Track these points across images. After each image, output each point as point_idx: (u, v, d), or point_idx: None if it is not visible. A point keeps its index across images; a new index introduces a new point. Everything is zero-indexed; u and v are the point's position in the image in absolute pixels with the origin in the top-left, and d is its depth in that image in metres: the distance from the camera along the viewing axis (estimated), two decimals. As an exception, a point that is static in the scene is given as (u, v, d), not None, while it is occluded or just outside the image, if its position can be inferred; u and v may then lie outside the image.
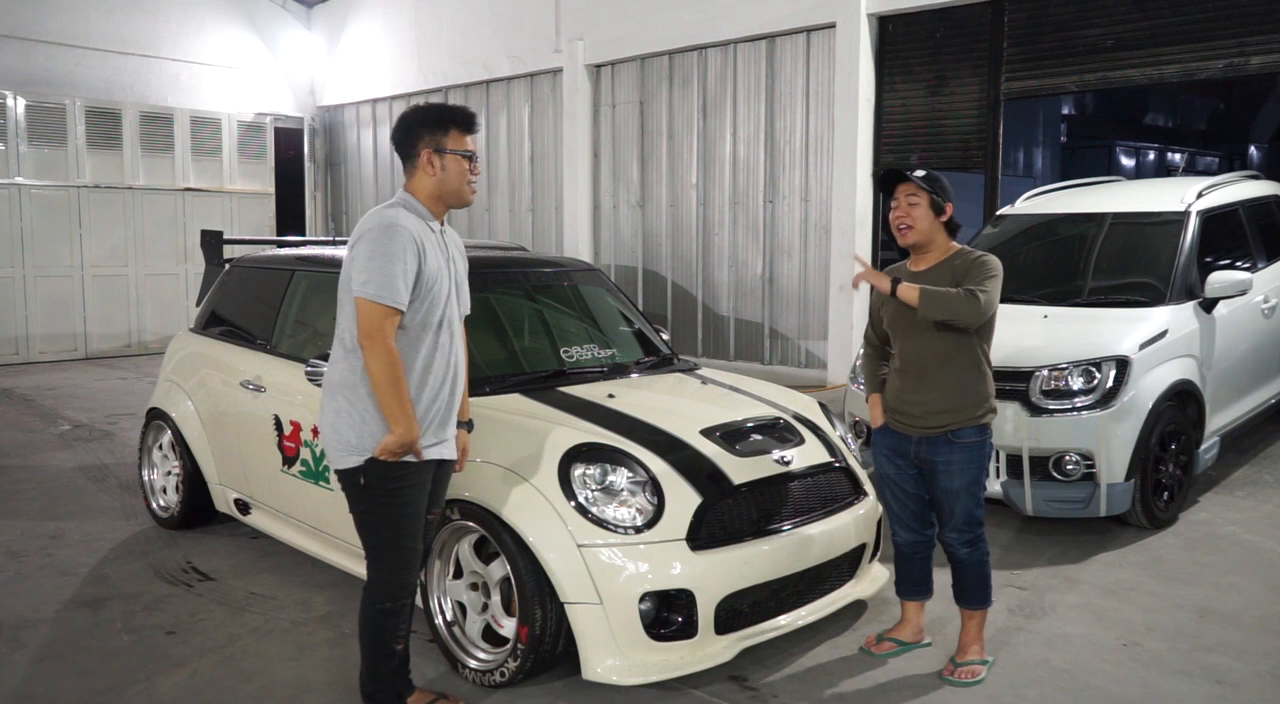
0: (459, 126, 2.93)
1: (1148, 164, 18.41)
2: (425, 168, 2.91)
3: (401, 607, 2.99)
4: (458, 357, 3.02)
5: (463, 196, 2.97)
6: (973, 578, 3.47)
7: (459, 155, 2.92)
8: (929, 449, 3.40)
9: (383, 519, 2.94)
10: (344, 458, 2.91)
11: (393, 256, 2.78)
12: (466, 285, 3.12)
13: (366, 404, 2.86)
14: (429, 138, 2.90)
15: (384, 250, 2.78)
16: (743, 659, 3.39)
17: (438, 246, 2.94)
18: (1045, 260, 6.14)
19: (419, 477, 2.95)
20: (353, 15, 13.61)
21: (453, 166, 2.92)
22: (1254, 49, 6.81)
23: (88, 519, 5.36)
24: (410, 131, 2.93)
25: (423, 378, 2.91)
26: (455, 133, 2.92)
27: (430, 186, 2.93)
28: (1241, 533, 4.93)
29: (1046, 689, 3.35)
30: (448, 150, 2.91)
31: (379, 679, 3.04)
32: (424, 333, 2.89)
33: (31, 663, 3.61)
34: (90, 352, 11.94)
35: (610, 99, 10.62)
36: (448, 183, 2.93)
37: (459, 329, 3.04)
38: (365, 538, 2.99)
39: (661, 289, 10.31)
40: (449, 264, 2.98)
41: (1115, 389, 4.71)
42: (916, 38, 8.35)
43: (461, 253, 3.13)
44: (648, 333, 4.83)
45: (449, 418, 3.02)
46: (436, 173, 2.91)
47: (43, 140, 11.45)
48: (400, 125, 2.95)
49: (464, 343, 3.12)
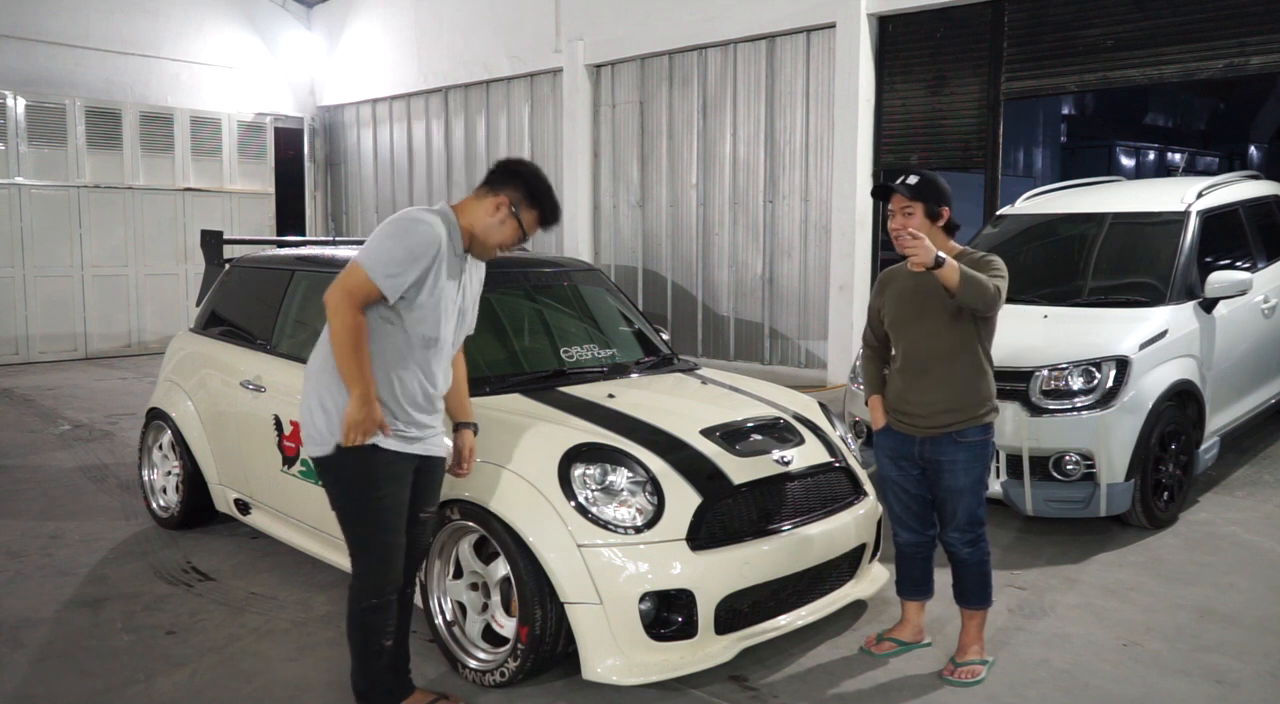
0: (543, 215, 2.98)
1: (1148, 164, 18.41)
2: (491, 207, 2.95)
3: (387, 602, 2.98)
4: (438, 372, 3.01)
5: (488, 251, 3.01)
6: (973, 578, 3.47)
7: (520, 226, 2.96)
8: (933, 449, 3.39)
9: (361, 513, 2.94)
10: (314, 447, 2.93)
11: (408, 248, 2.81)
12: (475, 311, 3.16)
13: (335, 392, 2.87)
14: (520, 196, 2.94)
15: (402, 240, 2.83)
16: (743, 659, 3.39)
17: (456, 268, 2.96)
18: (1045, 260, 6.14)
19: (394, 469, 2.93)
20: (353, 15, 13.61)
21: (509, 227, 2.95)
22: (1254, 49, 6.81)
23: (88, 519, 5.36)
24: (511, 177, 2.96)
25: (393, 365, 2.90)
26: (536, 214, 2.97)
27: (479, 222, 2.96)
28: (1241, 533, 4.93)
29: (1046, 689, 3.35)
30: (520, 216, 2.95)
31: (369, 676, 3.03)
32: (410, 337, 2.91)
33: (31, 663, 3.61)
34: (90, 351, 11.94)
35: (610, 99, 10.62)
36: (492, 234, 2.96)
37: (448, 351, 3.05)
38: (346, 533, 2.99)
39: (661, 289, 10.31)
40: (460, 290, 3.01)
41: (1115, 389, 4.71)
42: (916, 38, 8.35)
43: (479, 281, 3.16)
44: (648, 333, 4.83)
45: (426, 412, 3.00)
46: (496, 218, 2.94)
47: (43, 140, 11.45)
48: (512, 165, 3.00)
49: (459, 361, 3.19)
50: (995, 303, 3.20)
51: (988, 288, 3.15)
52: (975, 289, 3.13)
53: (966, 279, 3.11)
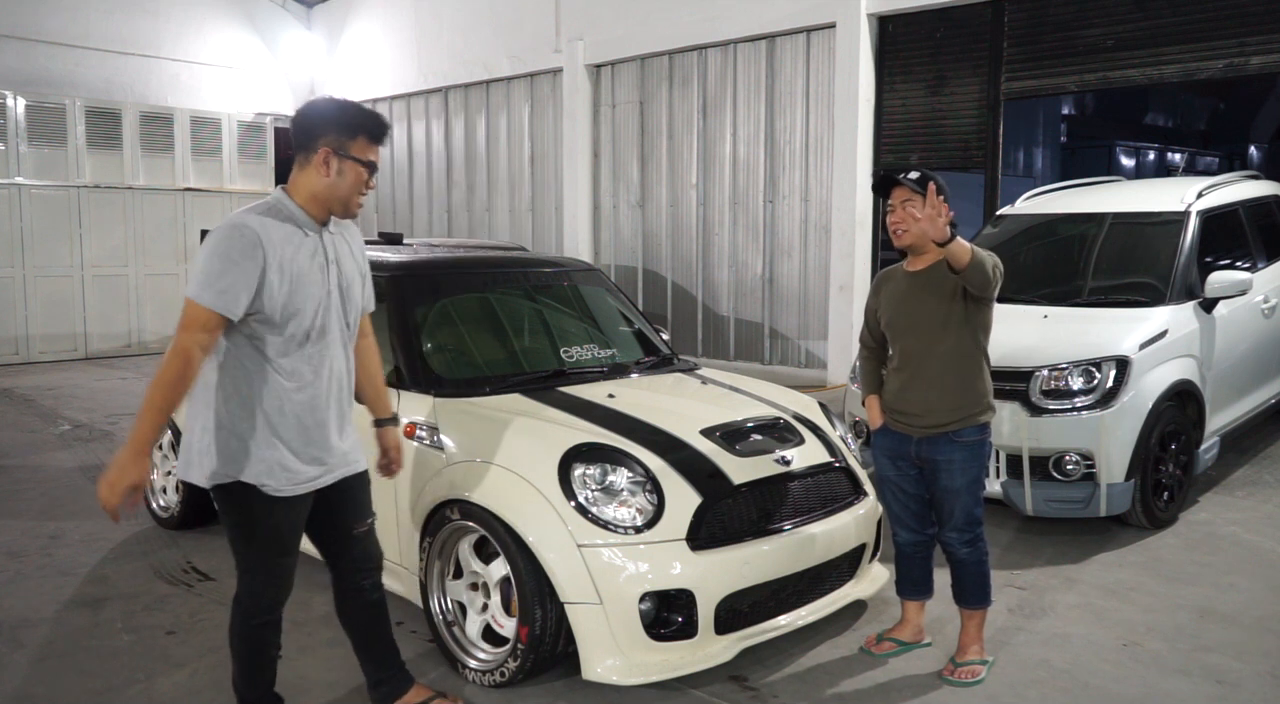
0: (369, 135, 2.71)
1: (1148, 164, 18.42)
2: (319, 167, 2.67)
3: (277, 619, 2.88)
4: (341, 366, 2.81)
5: (349, 207, 2.75)
6: (972, 577, 3.47)
7: (359, 164, 2.69)
8: (930, 449, 3.40)
9: (249, 542, 2.77)
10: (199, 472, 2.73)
11: (224, 256, 2.55)
12: (363, 283, 2.93)
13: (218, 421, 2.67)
14: (334, 137, 2.66)
15: (216, 251, 2.57)
16: (743, 659, 3.39)
17: (311, 252, 2.70)
18: (1045, 260, 6.14)
19: (286, 514, 2.75)
20: (353, 15, 13.61)
21: (350, 174, 2.69)
22: (1254, 49, 6.81)
23: (88, 519, 5.36)
24: (313, 125, 2.69)
25: (293, 394, 2.70)
26: (363, 140, 2.69)
27: (318, 188, 2.69)
28: (1241, 533, 4.93)
29: (1046, 689, 3.35)
30: (350, 155, 2.68)
31: (257, 688, 2.94)
32: (290, 346, 2.68)
33: (31, 663, 3.61)
34: (90, 352, 11.93)
35: (610, 99, 10.62)
36: (338, 188, 2.69)
37: (340, 337, 2.81)
38: (235, 553, 2.82)
39: (661, 289, 10.31)
40: (326, 269, 2.74)
41: (1115, 389, 4.71)
42: (916, 38, 8.35)
43: (357, 250, 2.92)
44: (648, 333, 4.82)
45: (331, 439, 2.79)
46: (330, 175, 2.68)
47: (43, 140, 11.45)
48: (303, 115, 2.71)
49: (362, 346, 3.00)
50: (994, 281, 3.21)
51: (988, 264, 3.17)
52: (980, 270, 3.15)
53: (976, 258, 3.12)
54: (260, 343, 2.66)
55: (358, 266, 2.91)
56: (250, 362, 2.68)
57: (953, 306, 3.31)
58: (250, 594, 2.83)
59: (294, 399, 2.71)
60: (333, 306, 2.77)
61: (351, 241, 2.92)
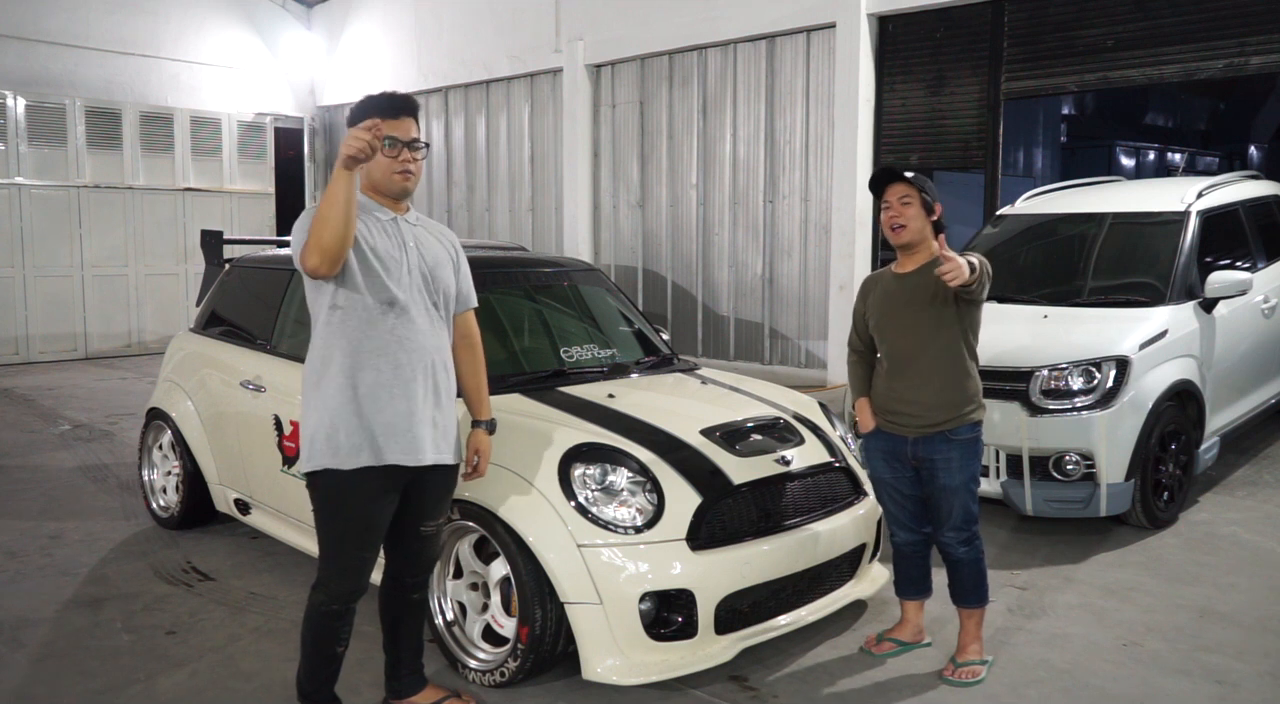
0: (379, 113, 2.82)
1: (1148, 164, 18.42)
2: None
3: (348, 610, 2.95)
4: (422, 346, 2.88)
5: (392, 186, 2.88)
6: (970, 576, 3.47)
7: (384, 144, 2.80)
8: (925, 448, 3.40)
9: (334, 526, 2.90)
10: (302, 462, 2.91)
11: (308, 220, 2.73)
12: (457, 278, 3.06)
13: (314, 409, 2.84)
14: None
15: (303, 221, 2.77)
16: (743, 659, 3.39)
17: (389, 230, 2.88)
18: (1045, 260, 6.14)
19: (368, 488, 2.84)
20: (353, 15, 13.61)
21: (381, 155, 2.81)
22: (1254, 49, 6.81)
23: (88, 519, 5.36)
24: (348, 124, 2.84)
25: (365, 359, 2.81)
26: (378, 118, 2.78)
27: (364, 177, 2.87)
28: (1241, 533, 4.93)
29: (1046, 689, 3.35)
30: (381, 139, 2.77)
31: (317, 680, 3.00)
32: (369, 304, 2.80)
33: (31, 663, 3.61)
34: (90, 352, 11.93)
35: (610, 99, 10.62)
36: (372, 172, 2.85)
37: (424, 321, 2.90)
38: (319, 538, 2.96)
39: (661, 289, 10.31)
40: (405, 251, 2.88)
41: (1115, 389, 4.71)
42: (916, 38, 8.35)
43: (437, 243, 3.03)
44: (648, 333, 4.83)
45: (411, 418, 2.85)
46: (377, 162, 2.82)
47: (43, 140, 11.45)
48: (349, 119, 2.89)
49: (472, 346, 3.12)
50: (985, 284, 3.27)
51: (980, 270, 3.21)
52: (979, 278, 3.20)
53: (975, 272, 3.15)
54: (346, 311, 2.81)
55: (448, 255, 3.04)
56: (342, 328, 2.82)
57: (944, 308, 3.32)
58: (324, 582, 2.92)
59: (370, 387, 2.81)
60: (412, 284, 2.88)
61: (438, 234, 3.07)
